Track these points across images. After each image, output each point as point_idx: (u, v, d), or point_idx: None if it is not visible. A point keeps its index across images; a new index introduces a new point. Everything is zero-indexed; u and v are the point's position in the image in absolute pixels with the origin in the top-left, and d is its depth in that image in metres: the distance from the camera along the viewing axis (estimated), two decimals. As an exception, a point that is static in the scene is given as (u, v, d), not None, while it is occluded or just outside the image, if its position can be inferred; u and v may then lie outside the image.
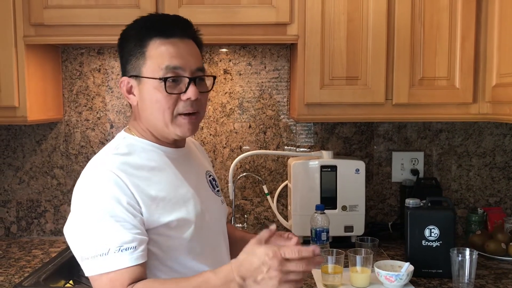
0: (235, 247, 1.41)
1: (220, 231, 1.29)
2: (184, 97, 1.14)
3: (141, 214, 1.08)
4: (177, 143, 1.24)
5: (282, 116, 2.16)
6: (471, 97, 1.77)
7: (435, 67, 1.77)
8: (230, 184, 2.04)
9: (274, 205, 2.14)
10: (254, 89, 2.15)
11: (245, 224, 2.12)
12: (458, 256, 1.56)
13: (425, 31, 1.75)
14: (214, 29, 1.77)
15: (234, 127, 2.16)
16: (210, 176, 1.33)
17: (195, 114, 1.17)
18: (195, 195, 1.19)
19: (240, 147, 2.16)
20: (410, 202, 1.72)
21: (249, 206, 2.18)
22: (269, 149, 2.16)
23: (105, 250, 1.02)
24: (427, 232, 1.66)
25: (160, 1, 1.75)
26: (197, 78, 1.16)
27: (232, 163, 2.06)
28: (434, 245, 1.66)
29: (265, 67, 2.14)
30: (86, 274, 1.06)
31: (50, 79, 2.02)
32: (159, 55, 1.14)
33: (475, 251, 1.57)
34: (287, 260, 0.95)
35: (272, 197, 2.16)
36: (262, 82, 2.15)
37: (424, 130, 2.16)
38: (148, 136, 1.20)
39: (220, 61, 2.14)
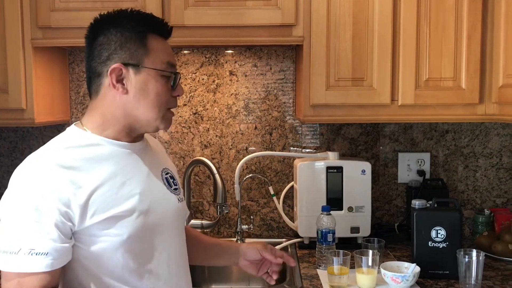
0: (207, 252, 1.43)
1: (173, 229, 1.25)
2: (175, 93, 1.20)
3: (71, 221, 1.05)
4: (136, 138, 1.22)
5: (287, 117, 2.16)
6: (477, 98, 1.77)
7: (441, 68, 1.76)
8: (236, 186, 2.05)
9: (280, 206, 2.14)
10: (260, 91, 2.15)
11: (251, 225, 2.12)
12: (465, 257, 1.55)
13: (430, 32, 1.75)
14: (220, 31, 1.77)
15: (240, 129, 2.16)
16: (167, 173, 1.29)
17: None
18: (143, 191, 1.16)
19: (246, 149, 2.17)
20: (416, 203, 1.71)
21: (255, 207, 2.18)
22: (275, 150, 2.16)
23: (16, 249, 1.01)
24: (433, 233, 1.66)
25: (166, 3, 1.75)
26: None
27: (238, 164, 2.06)
28: (441, 246, 1.65)
29: (270, 69, 2.15)
30: None
31: (57, 81, 2.04)
32: (161, 50, 1.17)
33: (482, 252, 1.56)
34: None
35: (278, 198, 2.16)
36: (267, 84, 2.15)
37: (430, 131, 2.15)
38: (102, 130, 1.17)
39: (226, 62, 2.14)
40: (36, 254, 1.01)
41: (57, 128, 2.16)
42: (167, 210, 1.22)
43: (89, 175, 1.09)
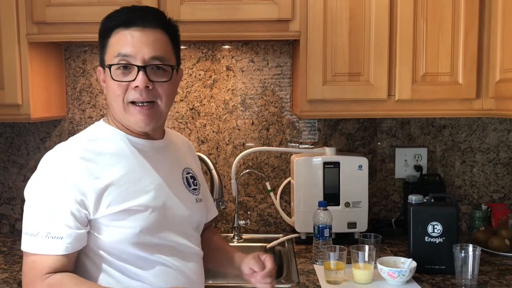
0: (213, 255, 1.40)
1: (189, 227, 1.27)
2: (132, 85, 1.14)
3: (87, 209, 1.10)
4: (150, 135, 1.24)
5: (285, 113, 2.15)
6: (474, 93, 1.76)
7: (438, 62, 1.76)
8: (233, 181, 2.05)
9: (277, 202, 2.13)
10: (257, 86, 2.15)
11: (248, 220, 2.12)
12: (461, 252, 1.55)
13: (427, 27, 1.74)
14: (216, 26, 1.77)
15: (237, 124, 2.16)
16: (188, 173, 1.31)
17: (150, 104, 1.16)
18: (159, 188, 1.19)
19: (243, 144, 2.16)
20: (413, 198, 1.71)
21: (252, 203, 2.18)
22: (272, 146, 2.16)
23: (35, 232, 1.08)
24: (430, 228, 1.66)
25: (162, -2, 1.75)
26: (152, 67, 1.15)
27: (235, 160, 2.06)
28: (437, 241, 1.65)
29: (267, 64, 2.14)
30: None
31: (53, 76, 2.03)
32: (115, 44, 1.16)
33: (478, 247, 1.57)
34: None
35: (275, 194, 2.15)
36: (264, 79, 2.14)
37: (427, 126, 2.15)
38: (119, 126, 1.22)
39: (223, 58, 2.14)
40: (53, 238, 1.08)
41: (53, 124, 2.16)
42: (183, 209, 1.24)
43: (107, 168, 1.14)
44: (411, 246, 1.68)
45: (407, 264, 1.57)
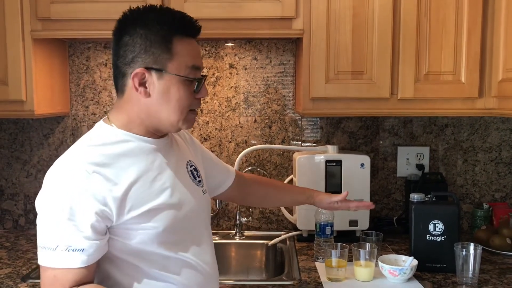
0: (283, 195, 1.68)
1: (201, 220, 1.29)
2: (199, 95, 1.19)
3: (108, 218, 1.08)
4: (159, 134, 1.24)
5: (287, 111, 2.16)
6: (477, 92, 1.77)
7: (441, 61, 1.76)
8: (236, 178, 2.05)
9: (279, 199, 2.14)
10: (260, 84, 2.15)
11: (250, 218, 2.13)
12: (462, 251, 1.56)
13: (431, 26, 1.75)
14: (220, 23, 1.77)
15: (239, 122, 2.16)
16: (191, 166, 1.32)
17: None
18: (173, 185, 1.19)
19: (246, 142, 2.17)
20: (414, 196, 1.72)
21: (254, 200, 2.19)
22: (275, 144, 2.17)
23: (53, 246, 1.04)
24: (431, 227, 1.66)
25: (166, -5, 1.75)
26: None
27: (237, 157, 2.06)
28: (439, 240, 1.66)
29: (270, 62, 2.14)
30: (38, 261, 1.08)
31: (57, 73, 2.04)
32: (185, 54, 1.15)
33: (479, 246, 1.57)
34: None
35: (277, 191, 2.16)
36: (267, 77, 2.15)
37: (429, 125, 2.15)
38: (129, 128, 1.18)
39: (226, 55, 2.14)
40: (73, 251, 1.04)
41: (57, 120, 2.17)
42: (194, 203, 1.26)
43: (123, 171, 1.12)
44: (413, 244, 1.69)
45: (408, 262, 1.57)
